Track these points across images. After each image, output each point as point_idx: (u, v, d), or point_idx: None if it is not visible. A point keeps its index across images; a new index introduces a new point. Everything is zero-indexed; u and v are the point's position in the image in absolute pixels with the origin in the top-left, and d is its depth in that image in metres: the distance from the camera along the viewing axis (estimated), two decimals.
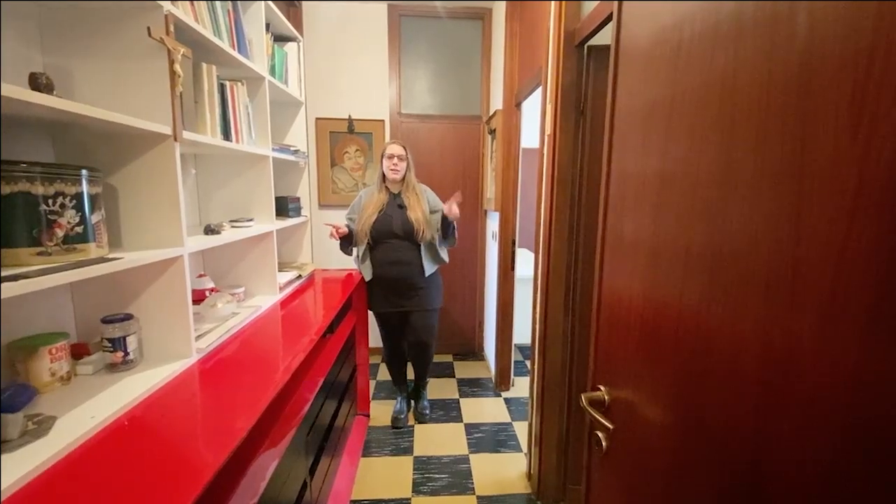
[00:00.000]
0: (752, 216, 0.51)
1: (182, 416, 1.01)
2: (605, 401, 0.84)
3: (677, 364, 0.64)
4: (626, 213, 0.77)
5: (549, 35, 1.79)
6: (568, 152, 1.72)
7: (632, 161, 0.76)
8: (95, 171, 0.99)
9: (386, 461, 2.26)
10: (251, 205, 1.81)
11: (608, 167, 0.84)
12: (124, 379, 1.08)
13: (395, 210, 2.30)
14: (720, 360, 0.56)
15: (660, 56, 0.69)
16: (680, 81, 0.63)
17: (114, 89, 1.09)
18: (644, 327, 0.72)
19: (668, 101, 0.66)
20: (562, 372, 1.89)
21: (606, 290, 0.84)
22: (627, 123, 0.79)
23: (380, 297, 2.42)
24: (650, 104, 0.71)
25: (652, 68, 0.71)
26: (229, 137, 1.48)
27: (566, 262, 1.79)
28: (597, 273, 0.87)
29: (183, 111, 1.21)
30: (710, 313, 0.57)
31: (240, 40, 1.59)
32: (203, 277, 1.66)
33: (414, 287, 2.37)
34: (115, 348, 1.09)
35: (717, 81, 0.56)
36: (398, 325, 2.53)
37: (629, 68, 0.79)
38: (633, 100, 0.77)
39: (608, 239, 0.83)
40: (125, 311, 1.16)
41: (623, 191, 0.79)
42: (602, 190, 0.85)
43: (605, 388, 0.85)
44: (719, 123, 0.56)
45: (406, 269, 2.32)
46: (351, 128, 3.27)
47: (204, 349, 1.26)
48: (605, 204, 0.84)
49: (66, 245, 0.91)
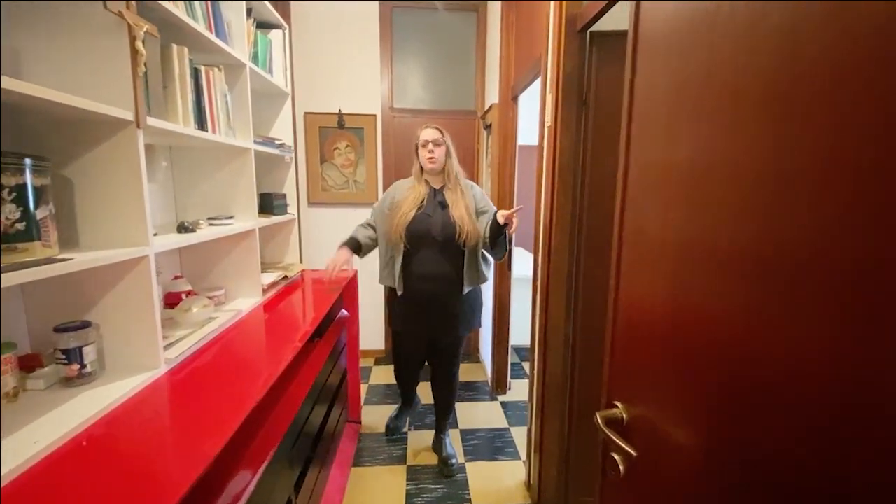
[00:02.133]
0: (819, 212, 0.41)
1: (145, 437, 0.90)
2: (622, 419, 0.74)
3: (715, 381, 0.54)
4: (650, 210, 0.67)
5: (548, 21, 1.69)
6: (570, 145, 1.62)
7: (656, 150, 0.66)
8: (42, 159, 0.87)
9: (378, 471, 2.15)
10: (232, 201, 1.68)
11: (626, 158, 0.73)
12: (81, 394, 0.96)
13: (435, 209, 1.88)
14: (774, 380, 0.46)
15: (691, 29, 0.58)
16: (718, 55, 0.53)
17: (67, 69, 0.96)
18: (672, 337, 0.62)
19: (701, 79, 0.56)
20: (563, 377, 1.79)
21: (625, 294, 0.74)
22: (649, 109, 0.68)
23: (405, 315, 2.02)
24: (678, 85, 0.61)
25: (680, 45, 0.61)
26: (204, 127, 1.37)
27: (568, 261, 1.69)
28: (612, 276, 0.77)
29: (149, 96, 1.10)
30: (759, 325, 0.47)
31: (217, 23, 1.47)
32: (179, 279, 1.54)
33: (447, 308, 1.94)
34: (70, 360, 0.97)
35: (769, 50, 0.46)
36: (420, 345, 2.16)
37: (650, 47, 0.69)
38: (657, 82, 0.66)
39: (626, 238, 0.73)
40: (84, 317, 1.04)
41: (645, 184, 0.68)
42: (619, 183, 0.75)
43: (622, 404, 0.75)
44: (771, 105, 0.45)
45: (440, 285, 1.89)
46: (341, 123, 3.15)
47: (174, 359, 1.14)
48: (623, 199, 0.74)
49: (4, 244, 0.79)
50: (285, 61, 2.16)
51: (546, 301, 1.76)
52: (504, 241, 1.86)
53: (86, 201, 1.02)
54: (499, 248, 1.87)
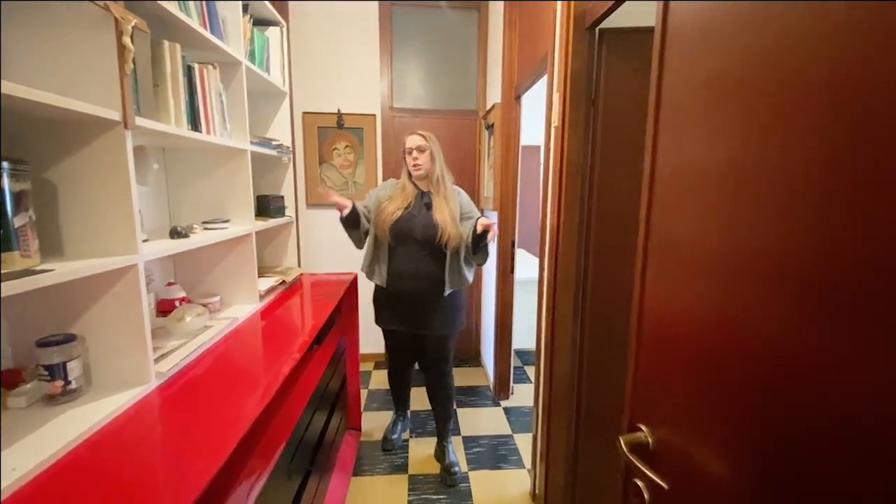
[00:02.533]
0: (887, 222, 0.36)
1: (135, 459, 0.84)
2: (647, 443, 0.69)
3: (767, 412, 0.49)
4: (683, 216, 0.61)
5: (555, 17, 1.64)
6: (578, 145, 1.57)
7: (690, 152, 0.60)
8: (21, 163, 0.81)
9: (379, 481, 2.09)
10: (227, 204, 1.62)
11: (652, 161, 0.68)
12: (65, 413, 0.90)
13: (420, 210, 1.94)
14: (841, 413, 0.40)
15: (734, 19, 0.53)
16: (768, 44, 0.48)
17: (49, 65, 0.90)
18: (712, 358, 0.57)
19: (747, 72, 0.51)
20: (570, 384, 1.74)
21: (651, 308, 0.68)
22: (681, 108, 0.63)
23: (390, 312, 2.07)
24: (718, 81, 0.55)
25: (721, 35, 0.55)
26: (198, 127, 1.30)
27: (576, 265, 1.64)
28: (636, 288, 0.71)
29: (139, 95, 1.03)
30: (820, 349, 0.42)
31: (212, 19, 1.40)
32: (173, 286, 1.48)
33: (430, 308, 1.99)
34: (54, 376, 0.91)
35: (835, 36, 0.40)
36: (409, 346, 2.19)
37: (682, 41, 0.63)
38: (691, 78, 0.61)
39: (653, 247, 0.68)
40: (68, 330, 0.98)
41: (677, 189, 0.63)
42: (644, 188, 0.70)
43: (646, 428, 0.70)
44: (837, 101, 0.40)
45: (423, 284, 1.94)
46: (340, 123, 3.09)
47: (166, 373, 1.08)
48: (649, 205, 0.69)
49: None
50: (283, 60, 2.10)
51: (553, 305, 1.71)
52: (486, 248, 1.93)
53: (70, 207, 0.96)
54: (480, 254, 1.95)
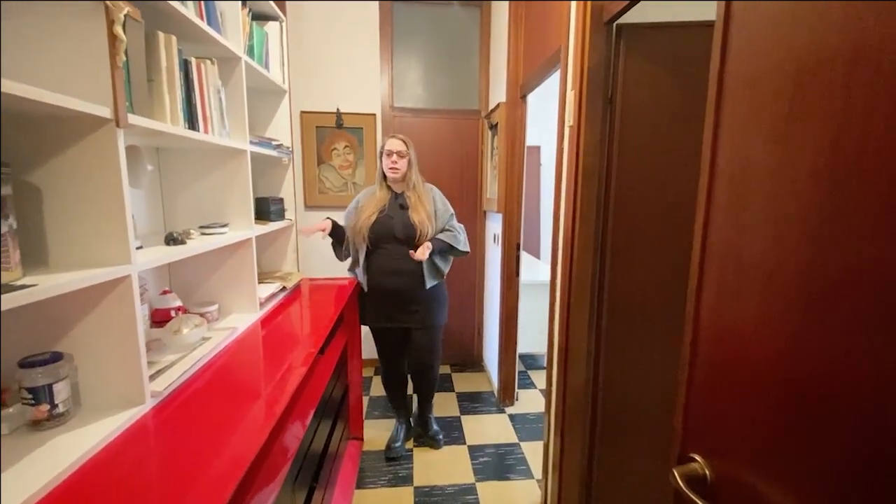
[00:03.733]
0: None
1: (131, 490, 0.75)
2: (705, 476, 0.62)
3: (856, 445, 0.42)
4: (751, 228, 0.55)
5: (570, 13, 1.57)
6: (594, 146, 1.50)
7: (761, 153, 0.53)
8: (1, 165, 0.72)
9: (383, 493, 2.01)
10: (226, 207, 1.54)
11: (712, 164, 0.61)
12: (52, 440, 0.82)
13: (396, 211, 2.03)
14: None
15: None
16: (867, 26, 0.41)
17: (32, 56, 0.82)
18: (787, 387, 0.50)
19: (841, 57, 0.44)
20: (585, 393, 1.67)
21: (709, 328, 0.62)
22: (750, 103, 0.56)
23: (375, 310, 2.15)
24: (802, 70, 0.48)
25: (806, 19, 0.48)
26: (196, 126, 1.22)
27: (591, 272, 1.57)
28: (691, 304, 0.65)
29: (131, 90, 0.95)
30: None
31: (209, 11, 1.32)
32: (168, 294, 1.40)
33: (414, 301, 2.10)
34: (39, 400, 0.83)
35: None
36: (396, 342, 2.25)
37: (753, 27, 0.56)
38: (764, 68, 0.54)
39: (712, 261, 0.61)
40: (54, 348, 0.89)
41: (742, 196, 0.56)
42: (701, 195, 0.63)
43: (702, 459, 0.63)
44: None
45: (405, 280, 2.05)
46: (340, 122, 3.01)
47: (162, 391, 1.00)
48: (707, 212, 0.62)
49: None
50: (282, 56, 2.02)
51: (567, 313, 1.64)
52: (448, 259, 2.14)
53: (56, 213, 0.87)
54: (456, 251, 2.12)
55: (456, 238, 2.09)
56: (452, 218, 2.14)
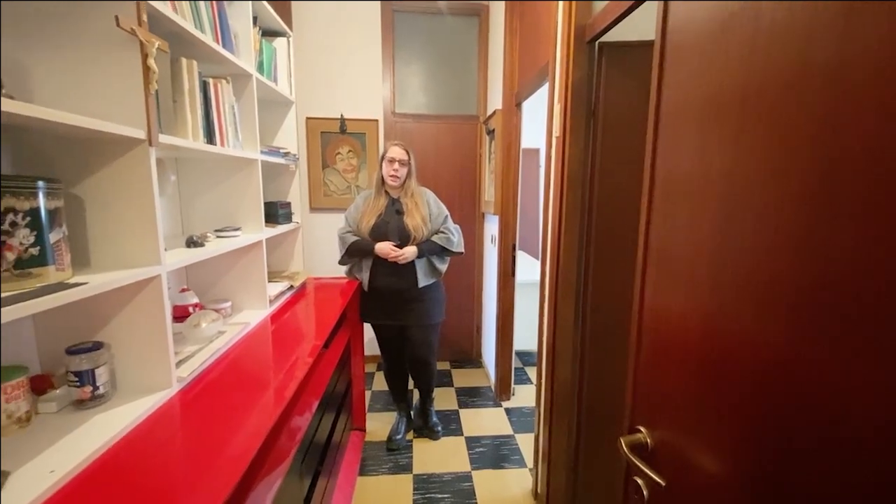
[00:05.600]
0: (864, 232, 0.41)
1: (162, 462, 0.88)
2: (647, 444, 0.74)
3: (757, 412, 0.54)
4: (676, 224, 0.67)
5: (556, 31, 1.69)
6: (578, 156, 1.62)
7: (685, 162, 0.65)
8: (55, 182, 0.86)
9: (384, 480, 2.14)
10: (238, 212, 1.67)
11: (652, 169, 0.73)
12: (94, 417, 0.95)
13: (392, 216, 2.16)
14: (826, 413, 0.45)
15: (725, 41, 0.58)
16: (757, 71, 0.53)
17: (78, 87, 0.95)
18: (705, 362, 0.62)
19: (738, 85, 0.56)
20: (571, 386, 1.79)
21: (650, 314, 0.74)
22: (678, 118, 0.68)
23: (374, 308, 2.28)
24: (712, 92, 0.60)
25: (714, 55, 0.60)
26: (213, 140, 1.35)
27: (576, 271, 1.69)
28: (636, 294, 0.77)
29: (160, 112, 1.08)
30: (806, 352, 0.47)
31: (224, 34, 1.45)
32: (186, 292, 1.53)
33: (410, 300, 2.22)
34: (83, 383, 0.96)
35: (817, 71, 0.45)
36: (396, 338, 2.38)
37: (679, 56, 0.68)
38: (687, 89, 0.66)
39: (651, 253, 0.73)
40: (95, 338, 1.03)
41: (672, 197, 0.68)
42: (644, 196, 0.75)
43: (646, 429, 0.75)
44: (824, 118, 0.45)
45: (401, 280, 2.16)
46: (343, 128, 3.14)
47: (186, 377, 1.13)
48: (648, 212, 0.74)
49: (18, 270, 0.77)
50: (289, 68, 2.15)
51: (554, 309, 1.76)
52: (444, 259, 2.26)
53: (97, 220, 1.01)
54: (444, 255, 2.24)
55: (449, 240, 2.19)
56: (447, 220, 2.25)
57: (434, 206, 2.25)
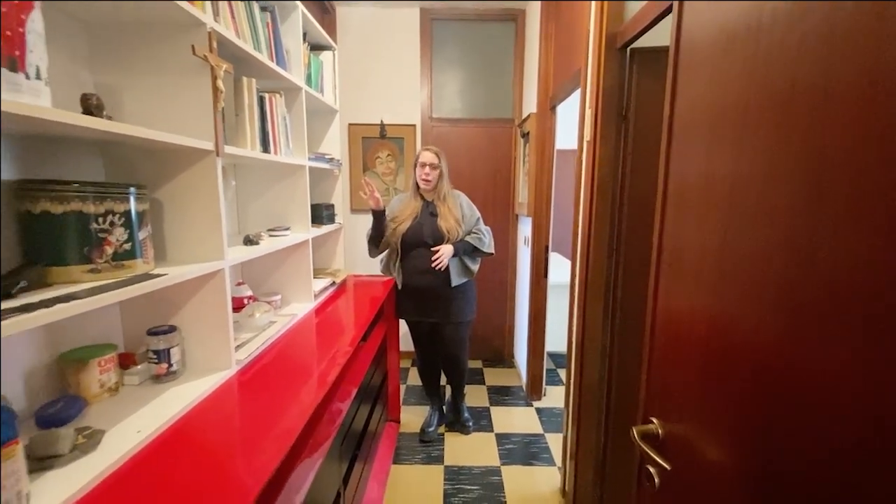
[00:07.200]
0: (862, 234, 0.45)
1: (225, 431, 1.02)
2: (658, 434, 0.79)
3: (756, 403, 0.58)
4: (686, 225, 0.72)
5: (588, 37, 1.73)
6: (609, 160, 1.65)
7: (695, 165, 0.70)
8: (142, 188, 1.01)
9: (416, 470, 2.24)
10: (288, 213, 1.83)
11: (665, 173, 0.78)
12: (168, 390, 1.10)
13: (426, 218, 2.26)
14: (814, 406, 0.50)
15: (731, 57, 0.63)
16: (758, 84, 0.58)
17: (159, 106, 1.11)
18: (711, 357, 0.67)
19: (741, 104, 0.61)
20: (599, 386, 1.82)
21: (662, 311, 0.79)
22: (690, 123, 0.73)
23: (408, 305, 2.39)
24: (720, 98, 0.65)
25: (721, 69, 0.65)
26: (268, 149, 1.50)
27: (606, 273, 1.72)
28: (650, 293, 0.82)
29: (225, 125, 1.23)
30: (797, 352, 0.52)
31: (278, 52, 1.60)
32: (242, 286, 1.69)
33: (442, 298, 2.31)
34: (160, 360, 1.11)
35: (808, 86, 0.50)
36: (428, 335, 2.49)
37: (691, 69, 0.73)
38: (698, 95, 0.71)
39: (664, 254, 0.78)
40: (169, 322, 1.19)
41: (684, 199, 0.73)
42: (658, 198, 0.80)
43: (657, 420, 0.80)
44: (817, 125, 0.50)
45: (434, 279, 2.26)
46: (383, 133, 3.28)
47: (243, 360, 1.28)
48: (662, 214, 0.79)
49: (114, 262, 0.93)
50: (334, 80, 2.30)
51: (583, 310, 1.79)
52: (475, 249, 2.30)
53: (172, 220, 1.17)
54: (476, 254, 2.33)
55: (481, 241, 2.28)
56: (479, 221, 2.35)
57: (467, 208, 2.34)
